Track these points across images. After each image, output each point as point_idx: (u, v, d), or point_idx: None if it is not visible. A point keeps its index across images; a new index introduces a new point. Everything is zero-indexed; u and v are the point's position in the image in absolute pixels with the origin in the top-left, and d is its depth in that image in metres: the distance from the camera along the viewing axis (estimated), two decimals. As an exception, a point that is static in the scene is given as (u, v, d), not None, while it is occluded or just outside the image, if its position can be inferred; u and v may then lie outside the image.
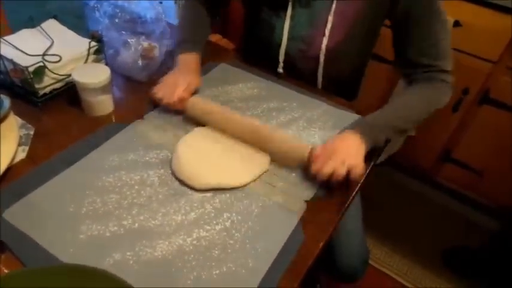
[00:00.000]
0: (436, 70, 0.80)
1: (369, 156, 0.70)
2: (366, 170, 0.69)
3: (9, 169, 0.63)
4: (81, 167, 0.65)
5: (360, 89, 1.07)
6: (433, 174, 1.68)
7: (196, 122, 0.76)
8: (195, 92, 0.81)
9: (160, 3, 1.08)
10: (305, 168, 0.67)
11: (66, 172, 0.64)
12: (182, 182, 0.64)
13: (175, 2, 1.60)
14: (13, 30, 0.85)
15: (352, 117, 0.82)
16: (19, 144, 0.67)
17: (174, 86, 0.77)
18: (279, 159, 0.69)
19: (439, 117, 1.51)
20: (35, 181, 0.62)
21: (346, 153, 0.65)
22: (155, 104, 0.79)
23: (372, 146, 0.70)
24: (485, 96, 1.39)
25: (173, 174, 0.66)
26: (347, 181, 0.64)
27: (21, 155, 0.66)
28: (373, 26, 0.85)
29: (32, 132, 0.71)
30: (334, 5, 0.80)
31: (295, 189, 0.65)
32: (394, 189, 1.76)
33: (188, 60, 0.84)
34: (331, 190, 0.65)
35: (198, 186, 0.63)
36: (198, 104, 0.76)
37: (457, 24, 1.30)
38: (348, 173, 0.64)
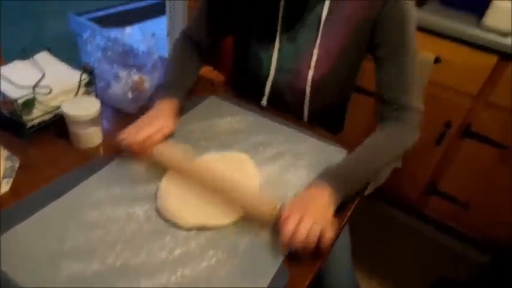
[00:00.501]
0: (402, 107, 0.81)
1: (341, 207, 0.68)
2: (342, 224, 0.68)
3: (-9, 202, 0.62)
4: (66, 202, 0.65)
5: (345, 121, 1.10)
6: (420, 206, 1.70)
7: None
8: (166, 139, 0.76)
9: (153, 35, 1.11)
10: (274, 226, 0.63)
11: (51, 206, 0.64)
12: (167, 220, 0.64)
13: (168, 35, 1.65)
14: (7, 57, 0.86)
15: (338, 151, 0.83)
16: (3, 177, 0.66)
17: (142, 127, 0.73)
18: (246, 215, 0.65)
19: (424, 150, 1.54)
20: (17, 215, 0.61)
21: (317, 214, 0.61)
22: (117, 150, 0.74)
23: (343, 198, 0.67)
24: (467, 130, 1.43)
25: (158, 211, 0.65)
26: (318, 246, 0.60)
27: (5, 187, 0.66)
28: (356, 59, 0.89)
29: (17, 165, 0.70)
30: (318, 40, 0.83)
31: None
32: (381, 221, 1.76)
33: (164, 105, 0.81)
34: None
35: (183, 226, 0.63)
36: (166, 152, 0.72)
37: (437, 60, 1.36)
38: (319, 237, 0.59)
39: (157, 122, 0.75)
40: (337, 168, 0.71)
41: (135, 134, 0.72)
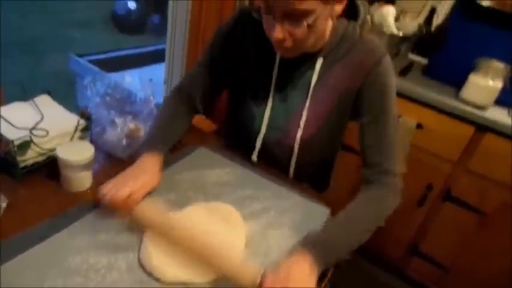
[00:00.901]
0: (384, 172, 0.84)
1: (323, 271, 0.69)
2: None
3: (-26, 242, 0.62)
4: (50, 245, 0.65)
5: (331, 180, 1.14)
6: (402, 266, 1.70)
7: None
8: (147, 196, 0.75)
9: (150, 80, 1.16)
10: None
11: (35, 249, 0.64)
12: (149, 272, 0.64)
13: (165, 83, 1.72)
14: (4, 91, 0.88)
15: (321, 210, 0.86)
16: (-11, 217, 0.67)
17: (124, 184, 0.71)
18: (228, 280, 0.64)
19: (406, 211, 1.58)
20: (1, 256, 0.61)
21: (299, 284, 0.62)
22: (96, 202, 0.72)
23: (324, 267, 0.69)
24: (448, 194, 1.48)
25: (140, 263, 0.66)
26: None
27: (-10, 228, 0.66)
28: (341, 122, 0.94)
29: (4, 205, 0.71)
30: (307, 103, 0.89)
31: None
32: (363, 279, 1.74)
33: (149, 160, 0.80)
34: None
35: (164, 281, 0.63)
36: (147, 212, 0.70)
37: (419, 126, 1.43)
38: None
39: (140, 178, 0.74)
40: (318, 236, 0.72)
41: (117, 189, 0.70)
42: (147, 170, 0.78)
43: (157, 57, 2.69)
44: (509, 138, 1.30)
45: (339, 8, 0.77)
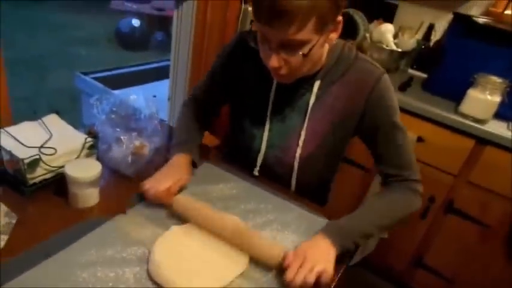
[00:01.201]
0: (404, 179, 0.89)
1: (341, 258, 0.75)
2: (338, 273, 0.74)
3: (-16, 258, 0.64)
4: (58, 260, 0.67)
5: (330, 195, 1.15)
6: (407, 279, 1.69)
7: (180, 218, 0.80)
8: (182, 189, 0.86)
9: (154, 97, 1.19)
10: (280, 270, 0.71)
11: (43, 265, 0.65)
12: (157, 284, 0.66)
13: (169, 99, 1.75)
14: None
15: (323, 222, 0.87)
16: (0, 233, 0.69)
17: (163, 180, 0.82)
18: (255, 258, 0.73)
19: (409, 223, 1.58)
20: (10, 272, 0.63)
21: (316, 259, 0.69)
22: (142, 197, 0.83)
23: (342, 250, 0.75)
24: (450, 206, 1.49)
25: (149, 274, 0.67)
26: (318, 286, 0.68)
27: (0, 244, 0.68)
28: (341, 141, 0.96)
29: (14, 221, 0.73)
30: (306, 123, 0.91)
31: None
32: (368, 292, 1.74)
33: (180, 159, 0.91)
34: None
35: None
36: (184, 201, 0.81)
37: (420, 139, 1.45)
38: (318, 278, 0.67)
39: (176, 174, 0.85)
40: (340, 221, 0.80)
41: (158, 183, 0.81)
42: (182, 166, 0.89)
43: (160, 74, 2.74)
44: (510, 150, 1.31)
45: (334, 36, 0.80)
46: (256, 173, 0.99)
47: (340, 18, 0.77)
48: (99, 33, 5.04)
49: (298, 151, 0.93)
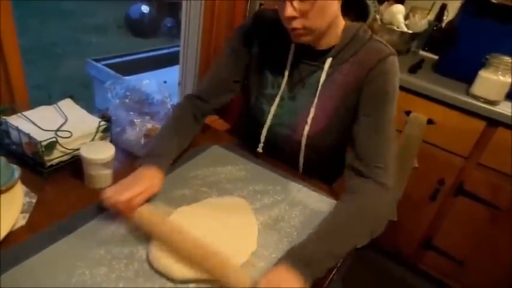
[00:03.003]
0: (368, 176, 0.84)
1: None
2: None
3: (8, 234, 0.68)
4: (76, 238, 0.70)
5: (342, 172, 1.16)
6: (416, 261, 1.71)
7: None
8: (149, 200, 0.78)
9: (165, 82, 1.21)
10: None
11: (62, 241, 0.69)
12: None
13: (179, 84, 1.77)
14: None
15: (331, 202, 0.89)
16: (21, 212, 0.72)
17: (126, 189, 0.73)
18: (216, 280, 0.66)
19: (419, 205, 1.59)
20: (32, 248, 0.66)
21: None
22: (101, 205, 0.74)
23: (314, 280, 0.67)
24: (460, 188, 1.48)
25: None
26: None
27: (22, 222, 0.71)
28: (348, 118, 0.93)
29: (34, 201, 0.76)
30: (315, 100, 0.92)
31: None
32: (376, 273, 1.76)
33: (147, 171, 0.80)
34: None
35: (176, 278, 0.65)
36: (146, 215, 0.72)
37: (430, 121, 1.44)
38: None
39: (140, 184, 0.75)
40: (305, 248, 0.70)
41: (120, 193, 0.72)
42: (147, 177, 0.78)
43: (170, 59, 2.75)
44: (521, 132, 1.30)
45: None
46: (260, 149, 1.00)
47: None
48: (109, 20, 5.06)
49: (306, 128, 0.94)
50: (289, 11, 0.80)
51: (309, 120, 0.94)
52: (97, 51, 3.90)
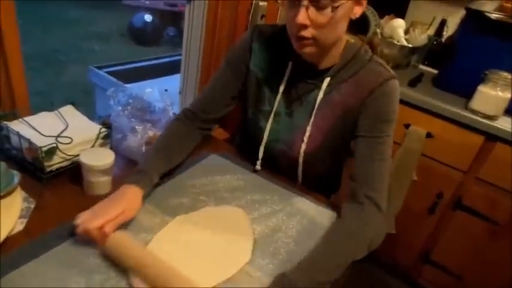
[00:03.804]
0: (371, 203, 0.83)
1: None
2: None
3: (5, 240, 0.67)
4: (73, 244, 0.70)
5: (341, 182, 1.17)
6: (413, 274, 1.70)
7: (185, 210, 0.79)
8: (126, 224, 0.74)
9: (166, 90, 1.22)
10: None
11: (59, 248, 0.69)
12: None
13: (180, 93, 1.78)
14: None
15: (328, 214, 0.89)
16: (19, 217, 0.72)
17: (99, 214, 0.70)
18: None
19: (417, 218, 1.59)
20: (28, 255, 0.66)
21: None
22: (72, 231, 0.70)
23: None
24: (458, 202, 1.48)
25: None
26: None
27: (19, 227, 0.71)
28: (344, 137, 0.94)
29: (32, 206, 0.76)
30: (312, 119, 0.92)
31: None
32: (373, 286, 1.75)
33: (130, 190, 0.78)
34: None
35: None
36: (118, 243, 0.68)
37: (429, 135, 1.45)
38: None
39: (115, 208, 0.72)
40: (293, 277, 0.68)
41: (92, 219, 0.69)
42: (124, 200, 0.75)
43: (172, 68, 2.77)
44: (520, 147, 1.31)
45: (358, 9, 0.82)
46: (258, 166, 1.00)
47: None
48: (112, 29, 5.11)
49: (303, 147, 0.94)
50: (301, 18, 0.76)
51: (305, 139, 0.94)
52: (99, 59, 3.93)
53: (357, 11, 0.81)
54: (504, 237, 1.43)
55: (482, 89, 1.35)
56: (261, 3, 1.63)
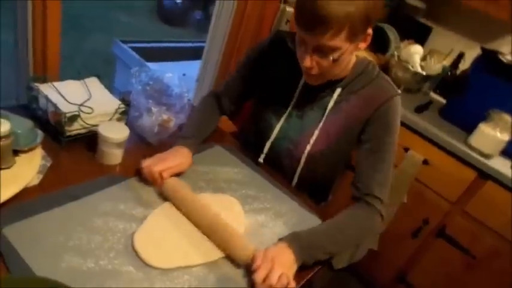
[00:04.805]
0: (373, 196, 0.93)
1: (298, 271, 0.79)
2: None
3: (21, 190, 0.75)
4: (80, 205, 0.78)
5: (330, 195, 1.24)
6: (389, 292, 1.76)
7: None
8: (180, 174, 0.91)
9: (184, 75, 1.28)
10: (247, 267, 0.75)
11: (67, 206, 0.76)
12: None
13: (197, 80, 1.84)
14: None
15: (314, 219, 0.96)
16: (37, 172, 0.80)
17: (160, 162, 0.87)
18: (226, 254, 0.78)
19: (400, 239, 1.65)
20: (39, 207, 0.74)
21: (282, 268, 0.73)
22: (138, 171, 0.89)
23: (302, 263, 0.79)
24: (442, 231, 1.54)
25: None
26: None
27: (35, 181, 0.79)
28: (347, 146, 1.04)
29: (49, 164, 0.84)
30: (321, 123, 1.00)
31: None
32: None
33: (181, 149, 0.94)
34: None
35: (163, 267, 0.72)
36: (173, 185, 0.86)
37: (426, 162, 1.51)
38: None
39: (173, 160, 0.90)
40: (304, 235, 0.82)
41: (155, 164, 0.86)
42: (180, 155, 0.93)
43: (194, 54, 2.83)
44: (509, 189, 1.36)
45: (363, 45, 0.88)
46: (261, 159, 1.08)
47: (370, 31, 0.85)
48: (141, 3, 5.16)
49: (308, 148, 1.02)
50: (307, 62, 0.86)
51: (312, 141, 1.02)
52: (124, 31, 4.00)
53: (362, 47, 0.89)
54: (478, 272, 1.48)
55: (483, 127, 1.40)
56: (287, 9, 1.69)
